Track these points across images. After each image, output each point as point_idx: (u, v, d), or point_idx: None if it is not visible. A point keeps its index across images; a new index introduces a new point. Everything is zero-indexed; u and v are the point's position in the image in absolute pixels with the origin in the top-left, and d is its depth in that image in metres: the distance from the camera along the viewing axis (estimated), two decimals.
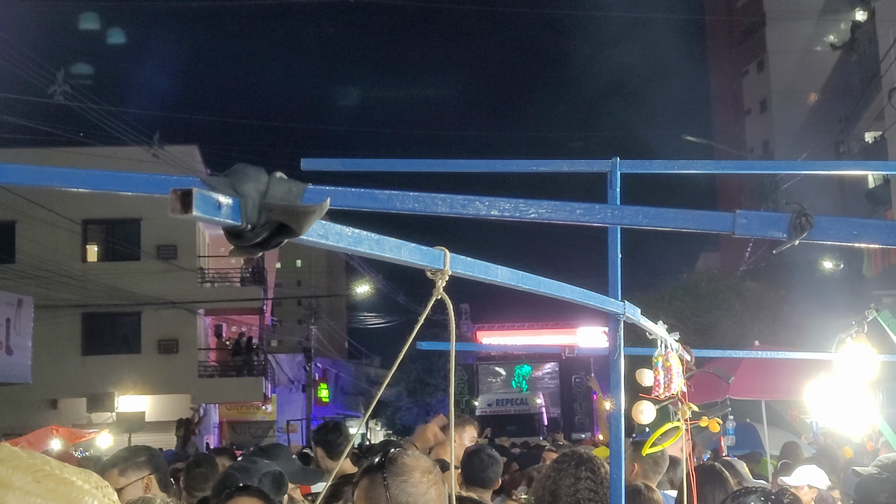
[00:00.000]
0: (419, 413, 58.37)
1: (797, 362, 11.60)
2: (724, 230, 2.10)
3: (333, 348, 59.89)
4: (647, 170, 4.35)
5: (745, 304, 32.97)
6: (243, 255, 1.59)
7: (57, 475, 1.52)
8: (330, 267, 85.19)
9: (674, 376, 4.33)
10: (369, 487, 3.53)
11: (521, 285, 2.29)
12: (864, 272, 38.91)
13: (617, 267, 4.04)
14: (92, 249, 38.61)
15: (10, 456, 1.51)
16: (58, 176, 1.96)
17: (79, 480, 1.54)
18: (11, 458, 1.51)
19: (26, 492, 1.46)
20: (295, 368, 51.13)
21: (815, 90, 63.75)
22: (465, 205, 2.02)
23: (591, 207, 2.17)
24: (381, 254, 1.79)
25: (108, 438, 24.86)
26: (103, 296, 35.18)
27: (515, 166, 4.35)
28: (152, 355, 37.68)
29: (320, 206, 1.53)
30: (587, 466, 4.77)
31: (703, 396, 13.35)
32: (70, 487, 1.52)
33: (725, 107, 75.10)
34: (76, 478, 1.54)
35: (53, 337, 33.78)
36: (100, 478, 1.62)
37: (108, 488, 1.61)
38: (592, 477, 4.72)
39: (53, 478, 1.50)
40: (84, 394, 35.23)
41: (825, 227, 2.04)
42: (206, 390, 38.63)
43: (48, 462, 1.55)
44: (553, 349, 34.77)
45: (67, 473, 1.54)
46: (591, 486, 4.70)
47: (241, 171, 1.51)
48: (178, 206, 1.37)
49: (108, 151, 31.22)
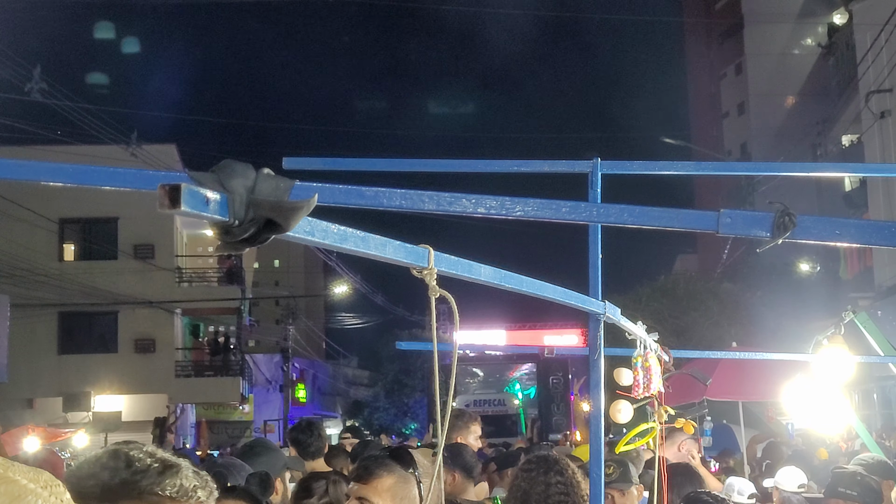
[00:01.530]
0: (396, 414, 58.37)
1: (774, 364, 11.63)
2: (708, 229, 2.12)
3: (311, 348, 59.81)
4: (627, 170, 4.36)
5: (723, 306, 33.09)
6: (230, 251, 1.59)
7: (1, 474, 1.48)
8: (308, 267, 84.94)
9: (653, 376, 4.35)
10: (401, 485, 3.53)
11: (503, 284, 2.30)
12: (841, 275, 39.11)
13: (597, 267, 4.05)
14: (69, 248, 38.44)
15: None
16: (43, 171, 1.96)
17: (23, 479, 1.50)
18: None
19: None
20: (272, 368, 51.05)
21: (793, 93, 64.01)
22: (451, 202, 2.03)
23: (577, 206, 2.18)
24: (366, 251, 1.80)
25: (85, 438, 24.74)
26: (80, 295, 35.04)
27: (497, 166, 4.36)
28: (129, 355, 37.54)
29: (307, 202, 1.53)
30: (555, 469, 4.77)
31: (680, 398, 13.40)
32: (12, 486, 1.48)
33: (703, 109, 75.32)
34: (21, 476, 1.50)
35: (30, 336, 33.62)
36: (51, 476, 1.57)
37: (59, 487, 1.56)
38: (562, 479, 4.72)
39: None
40: (60, 393, 35.06)
41: (808, 227, 2.05)
42: (183, 390, 38.51)
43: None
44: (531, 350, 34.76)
45: (12, 472, 1.50)
46: (562, 488, 4.71)
47: (228, 166, 1.51)
48: (166, 202, 1.37)
49: (86, 150, 31.05)
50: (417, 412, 54.24)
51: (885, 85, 32.26)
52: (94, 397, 35.15)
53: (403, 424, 56.60)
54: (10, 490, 1.46)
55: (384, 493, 3.56)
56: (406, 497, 3.57)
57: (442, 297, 2.04)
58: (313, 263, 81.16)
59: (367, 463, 3.72)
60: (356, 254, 1.81)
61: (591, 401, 3.89)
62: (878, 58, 31.48)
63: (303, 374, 55.98)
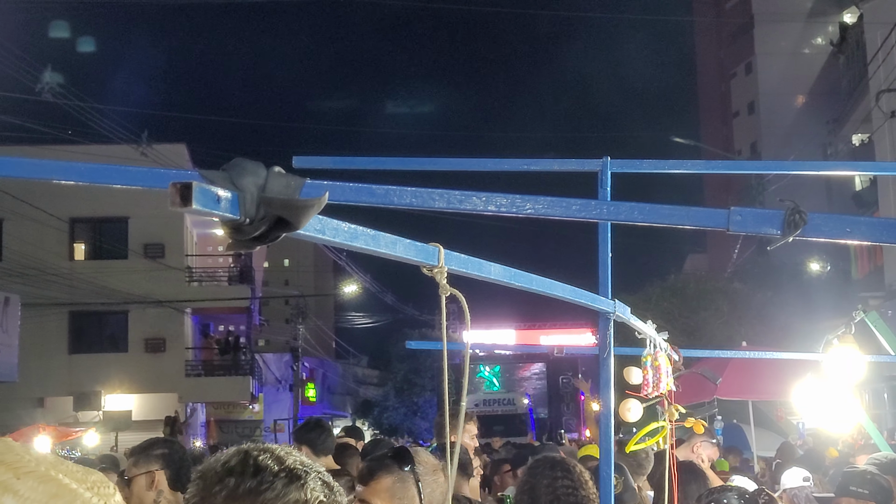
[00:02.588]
0: (406, 413, 58.35)
1: (784, 363, 11.63)
2: (718, 227, 2.11)
3: (321, 348, 59.83)
4: (637, 169, 4.36)
5: (733, 306, 33.03)
6: (241, 249, 1.59)
7: (40, 472, 1.45)
8: (317, 266, 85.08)
9: (662, 375, 4.35)
10: (398, 485, 3.53)
11: (513, 282, 2.30)
12: (852, 274, 39.04)
13: (607, 266, 4.05)
14: (79, 248, 38.50)
15: (1, 451, 1.47)
16: (57, 169, 1.97)
17: (66, 478, 1.47)
18: (2, 452, 1.47)
19: (5, 489, 1.42)
20: (282, 368, 51.07)
21: (803, 92, 63.91)
22: (461, 200, 2.03)
23: (587, 203, 2.18)
24: (377, 249, 1.80)
25: (95, 437, 24.82)
26: (90, 294, 35.09)
27: (507, 165, 4.36)
28: (139, 354, 37.59)
29: (318, 200, 1.54)
30: (562, 468, 4.76)
31: (691, 397, 13.39)
32: (51, 484, 1.44)
33: (713, 108, 75.25)
34: (64, 475, 1.46)
35: (40, 335, 33.68)
36: (102, 478, 1.55)
37: (108, 488, 1.55)
38: (569, 477, 4.71)
39: (35, 475, 1.44)
40: (71, 392, 35.11)
41: (818, 224, 2.05)
42: (193, 389, 38.56)
43: (42, 462, 1.50)
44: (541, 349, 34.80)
45: (55, 471, 1.47)
46: (570, 489, 4.69)
47: (239, 165, 1.51)
48: (177, 200, 1.37)
49: (96, 150, 31.13)
50: (427, 411, 54.22)
51: (895, 84, 32.18)
52: (104, 396, 35.20)
53: (413, 424, 56.59)
54: (48, 489, 1.45)
55: (382, 493, 3.56)
56: (405, 497, 3.56)
57: (452, 296, 2.04)
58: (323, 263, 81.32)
59: (369, 464, 3.71)
60: (366, 252, 1.81)
61: (601, 400, 3.88)
62: (889, 57, 31.42)
63: (313, 374, 56.00)
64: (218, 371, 40.55)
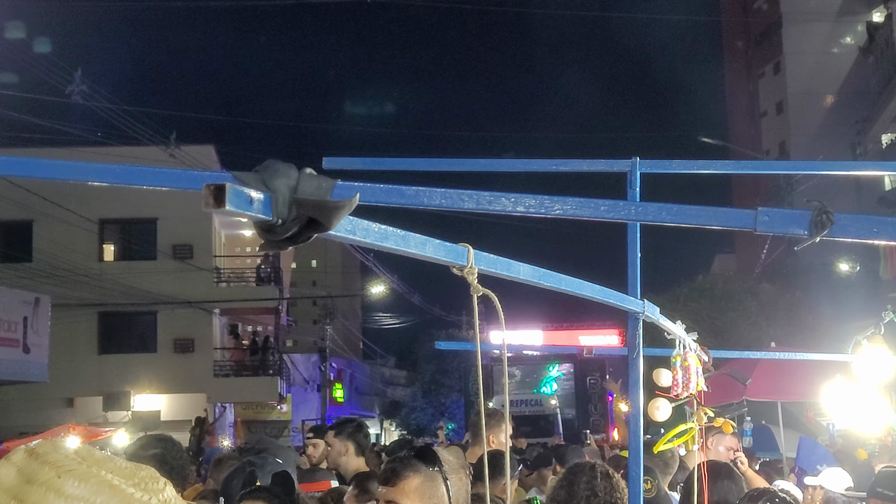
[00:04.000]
0: (434, 413, 58.34)
1: (813, 364, 11.57)
2: (745, 227, 2.12)
3: (348, 348, 59.97)
4: (666, 170, 4.35)
5: (761, 306, 32.87)
6: (273, 250, 1.61)
7: (82, 471, 1.46)
8: (345, 267, 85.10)
9: (692, 376, 4.35)
10: (428, 484, 3.53)
11: (542, 282, 2.31)
12: (881, 274, 38.73)
13: (636, 266, 4.05)
14: (108, 249, 38.71)
15: (47, 450, 1.49)
16: (90, 171, 1.99)
17: (109, 475, 1.48)
18: (47, 452, 1.49)
19: (48, 488, 1.44)
20: (310, 368, 51.18)
21: (832, 92, 63.54)
22: (491, 201, 2.04)
23: (615, 204, 2.19)
24: (407, 249, 1.82)
25: (124, 437, 24.94)
26: (120, 295, 35.29)
27: (536, 166, 4.36)
28: (168, 354, 37.76)
29: (349, 201, 1.55)
30: (601, 470, 4.78)
31: (719, 398, 13.34)
32: (94, 482, 1.46)
33: (741, 109, 74.89)
34: (111, 473, 1.48)
35: (70, 336, 33.86)
36: (151, 473, 1.56)
37: (156, 483, 1.52)
38: (608, 480, 4.73)
39: (76, 473, 1.45)
40: (100, 392, 35.33)
41: (846, 225, 2.05)
42: (221, 390, 38.68)
43: (88, 458, 1.52)
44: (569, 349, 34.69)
45: (97, 467, 1.48)
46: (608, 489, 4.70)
47: (271, 166, 1.53)
48: (211, 201, 1.39)
49: (125, 151, 31.32)
50: (455, 412, 54.16)
51: None
52: (133, 397, 35.42)
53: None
54: (90, 486, 1.44)
55: (412, 493, 3.55)
56: (434, 496, 3.56)
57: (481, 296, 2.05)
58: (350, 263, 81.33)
59: (393, 465, 3.69)
60: (396, 252, 1.82)
61: (630, 400, 3.89)
62: None
63: (340, 374, 56.08)
64: (246, 371, 40.67)
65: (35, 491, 1.43)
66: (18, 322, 26.29)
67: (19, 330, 26.29)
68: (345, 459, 7.29)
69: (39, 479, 1.44)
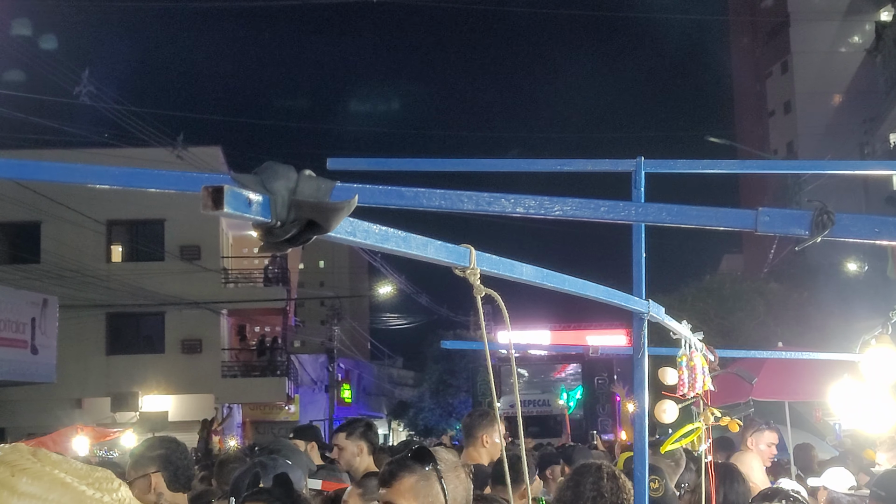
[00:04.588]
0: (441, 414, 58.33)
1: (821, 364, 11.55)
2: (746, 227, 2.11)
3: (356, 349, 59.93)
4: (671, 169, 4.34)
5: (769, 306, 32.81)
6: (273, 252, 1.62)
7: (36, 469, 1.47)
8: (352, 268, 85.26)
9: (698, 375, 4.34)
10: (422, 483, 3.55)
11: (545, 283, 2.31)
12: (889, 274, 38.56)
13: (641, 266, 4.04)
14: (116, 250, 38.79)
15: (12, 459, 1.50)
16: (92, 173, 1.99)
17: (62, 474, 1.49)
18: (5, 453, 1.50)
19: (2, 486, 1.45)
20: (318, 369, 51.19)
21: (840, 91, 63.49)
22: (490, 202, 2.04)
23: (616, 205, 2.19)
24: (408, 251, 1.81)
25: (132, 438, 24.98)
26: (127, 296, 35.33)
27: (539, 166, 4.35)
28: (176, 355, 37.81)
29: (348, 202, 1.55)
30: (608, 471, 4.78)
31: (726, 398, 13.31)
32: (64, 489, 1.47)
33: (749, 108, 74.85)
34: (70, 476, 1.49)
35: (78, 337, 33.90)
36: (106, 474, 1.58)
37: (111, 483, 1.55)
38: (614, 481, 4.72)
39: (30, 472, 1.46)
40: (108, 393, 35.38)
41: (847, 225, 2.05)
42: (229, 390, 38.72)
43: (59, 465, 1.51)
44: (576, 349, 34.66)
45: (51, 468, 1.49)
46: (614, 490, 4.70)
47: (270, 168, 1.53)
48: (209, 203, 1.39)
49: (131, 153, 31.38)
50: (462, 412, 54.09)
51: None
52: (141, 397, 35.45)
53: (448, 425, 56.52)
54: (43, 484, 1.45)
55: (406, 493, 3.56)
56: (429, 494, 3.58)
57: (487, 297, 2.05)
58: (358, 264, 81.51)
59: (391, 466, 3.72)
60: (398, 254, 1.82)
61: (636, 400, 3.88)
62: None
63: (348, 375, 56.10)
64: (254, 372, 40.73)
65: None
66: (26, 323, 26.35)
67: (27, 331, 26.36)
68: (358, 460, 7.27)
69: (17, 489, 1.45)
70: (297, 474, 4.82)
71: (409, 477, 3.57)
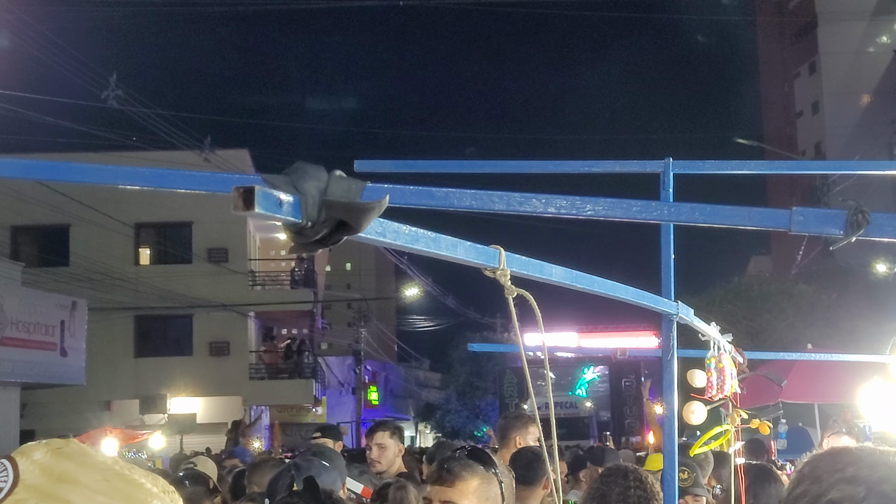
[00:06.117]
0: (468, 416, 58.31)
1: (851, 366, 11.48)
2: (780, 227, 2.10)
3: (383, 351, 60.05)
4: (700, 170, 4.32)
5: (798, 308, 32.64)
6: (303, 252, 1.61)
7: (125, 475, 1.48)
8: (379, 270, 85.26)
9: (726, 377, 4.32)
10: (484, 485, 3.55)
11: (575, 284, 2.30)
12: None
13: (670, 267, 4.02)
14: (144, 252, 38.96)
15: (78, 452, 1.50)
16: (123, 175, 2.00)
17: (147, 483, 1.50)
18: (80, 454, 1.50)
19: (93, 490, 1.44)
20: (345, 371, 51.31)
21: (868, 91, 63.16)
22: (521, 202, 2.03)
23: (648, 205, 2.17)
24: (438, 251, 1.80)
25: (161, 439, 25.10)
26: (155, 298, 35.47)
27: (568, 167, 4.33)
28: (204, 357, 37.95)
29: (379, 203, 1.54)
30: (634, 476, 4.76)
31: (755, 400, 13.26)
32: (138, 489, 1.48)
33: (777, 108, 74.53)
34: (144, 480, 1.50)
35: (107, 339, 34.04)
36: (167, 483, 1.59)
37: (175, 493, 1.58)
38: (642, 487, 4.70)
39: (122, 478, 1.47)
40: (137, 395, 35.55)
41: (882, 224, 2.03)
42: (256, 392, 38.83)
43: (117, 461, 1.51)
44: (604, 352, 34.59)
45: (136, 475, 1.50)
46: (642, 499, 4.68)
47: (301, 168, 1.52)
48: (240, 204, 1.39)
49: (159, 156, 31.48)
50: (489, 414, 54.08)
51: None
52: (169, 399, 35.62)
53: (475, 427, 56.53)
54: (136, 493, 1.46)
55: (470, 495, 3.55)
56: (490, 497, 3.58)
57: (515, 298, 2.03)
58: (385, 266, 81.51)
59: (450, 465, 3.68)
60: (427, 254, 1.81)
61: (665, 402, 3.86)
62: None
63: (375, 377, 56.19)
64: (281, 374, 40.82)
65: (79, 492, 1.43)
66: (56, 326, 26.46)
67: (56, 333, 26.47)
68: (399, 459, 7.32)
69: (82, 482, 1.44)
70: (331, 476, 4.82)
71: (472, 478, 3.57)
